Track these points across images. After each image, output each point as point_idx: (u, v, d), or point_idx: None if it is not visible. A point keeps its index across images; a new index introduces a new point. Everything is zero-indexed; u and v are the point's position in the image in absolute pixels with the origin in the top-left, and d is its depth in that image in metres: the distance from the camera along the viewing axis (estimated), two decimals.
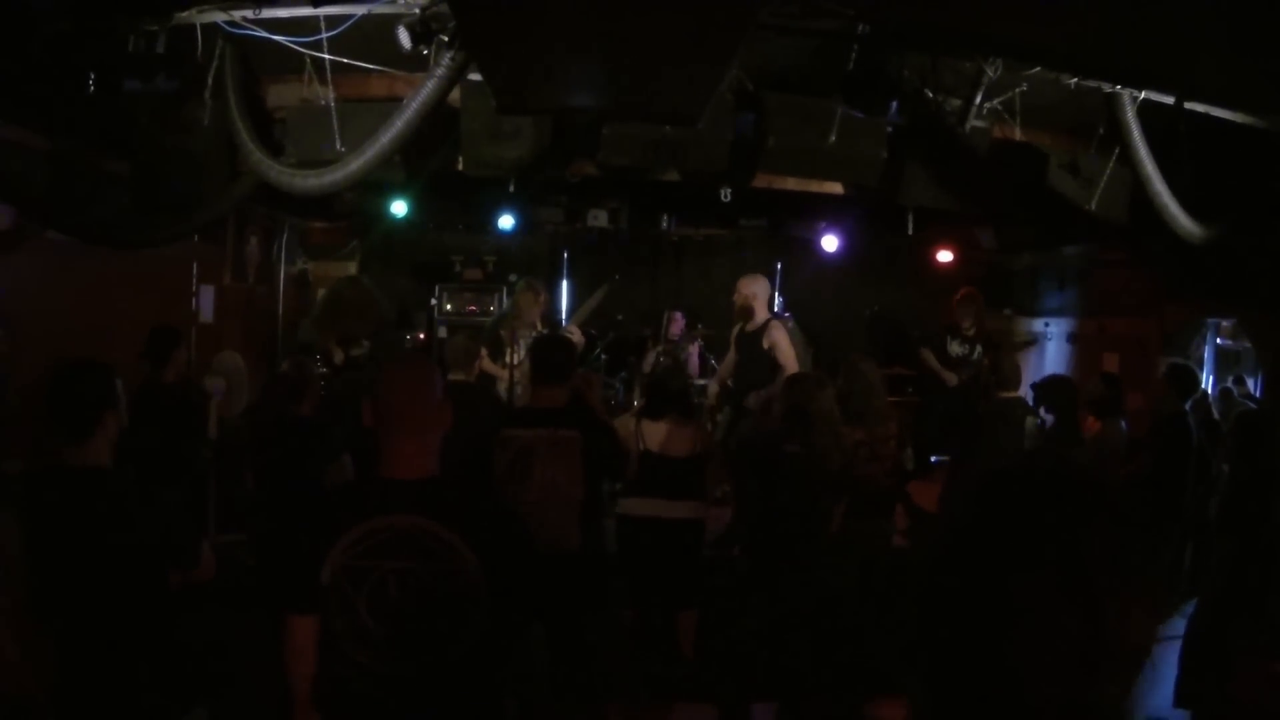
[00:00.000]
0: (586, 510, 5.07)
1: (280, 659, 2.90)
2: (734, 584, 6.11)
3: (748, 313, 8.17)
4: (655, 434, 6.03)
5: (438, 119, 6.02)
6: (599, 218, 11.81)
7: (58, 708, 2.79)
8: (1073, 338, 10.85)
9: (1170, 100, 5.69)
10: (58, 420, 3.17)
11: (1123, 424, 7.18)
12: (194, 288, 8.81)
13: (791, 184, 8.34)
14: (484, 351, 7.71)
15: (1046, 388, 7.33)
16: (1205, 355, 8.74)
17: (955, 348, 9.51)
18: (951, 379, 9.34)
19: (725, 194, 8.07)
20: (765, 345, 8.00)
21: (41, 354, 5.89)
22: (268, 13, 5.33)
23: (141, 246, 6.94)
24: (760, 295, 8.27)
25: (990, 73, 5.50)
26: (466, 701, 2.80)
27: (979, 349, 9.40)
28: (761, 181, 7.76)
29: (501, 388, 8.05)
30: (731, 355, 8.59)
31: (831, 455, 5.44)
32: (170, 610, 3.30)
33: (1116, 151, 6.12)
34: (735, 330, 8.43)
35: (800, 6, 4.63)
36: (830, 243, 11.58)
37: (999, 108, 6.01)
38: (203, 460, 6.63)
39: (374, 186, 9.37)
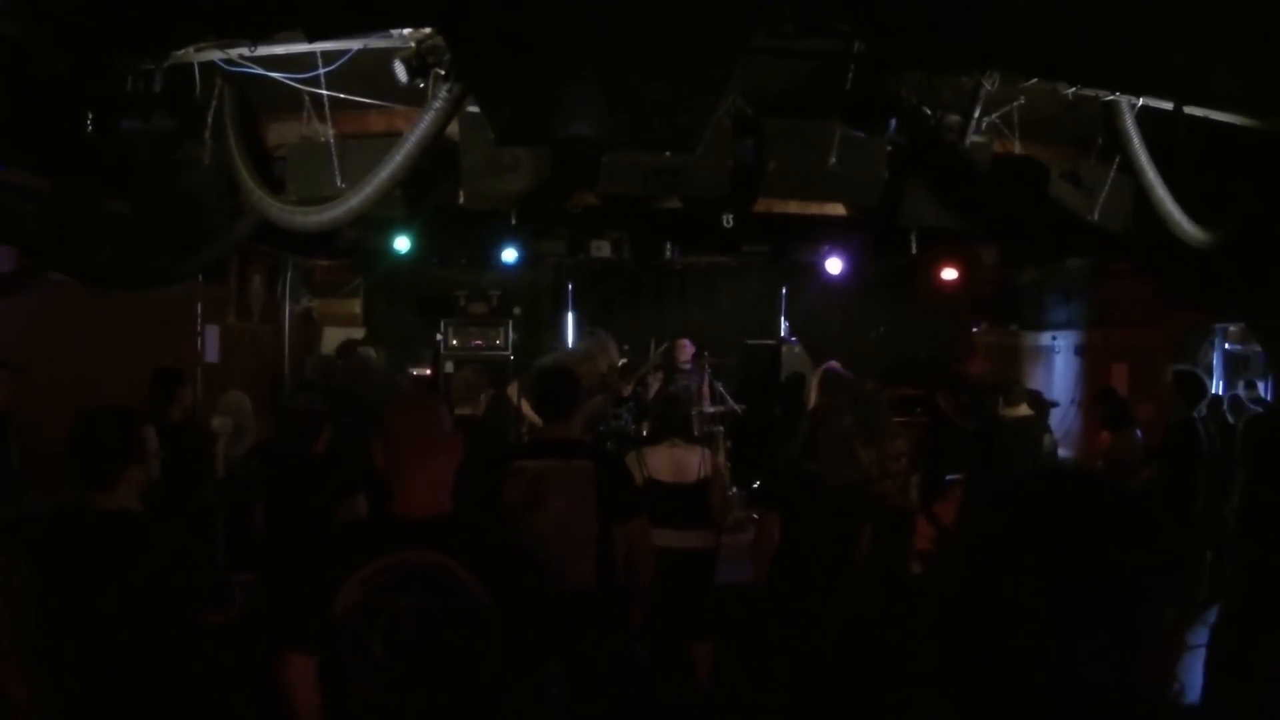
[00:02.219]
0: (601, 542, 5.00)
1: (282, 695, 2.86)
2: (753, 611, 6.04)
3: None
4: (657, 461, 5.99)
5: (437, 153, 6.04)
6: (602, 248, 11.84)
7: None
8: (1081, 350, 10.81)
9: (1169, 106, 5.67)
10: (81, 466, 3.14)
11: (1138, 434, 7.11)
12: (199, 327, 8.81)
13: (793, 207, 8.35)
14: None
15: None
16: (1214, 361, 8.66)
17: (965, 398, 9.54)
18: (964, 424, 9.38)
19: (727, 220, 8.10)
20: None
21: (45, 396, 5.88)
22: (265, 50, 5.35)
23: (144, 287, 6.95)
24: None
25: (988, 86, 5.48)
26: None
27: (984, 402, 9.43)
28: (763, 206, 7.78)
29: None
30: None
31: (849, 475, 5.41)
32: (197, 651, 3.27)
33: (1117, 160, 6.10)
34: None
35: (795, 26, 4.62)
36: (834, 265, 11.56)
37: (998, 122, 6.00)
38: (211, 500, 6.58)
39: (377, 223, 9.41)
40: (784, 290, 11.59)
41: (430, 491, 2.85)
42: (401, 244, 10.43)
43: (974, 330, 12.37)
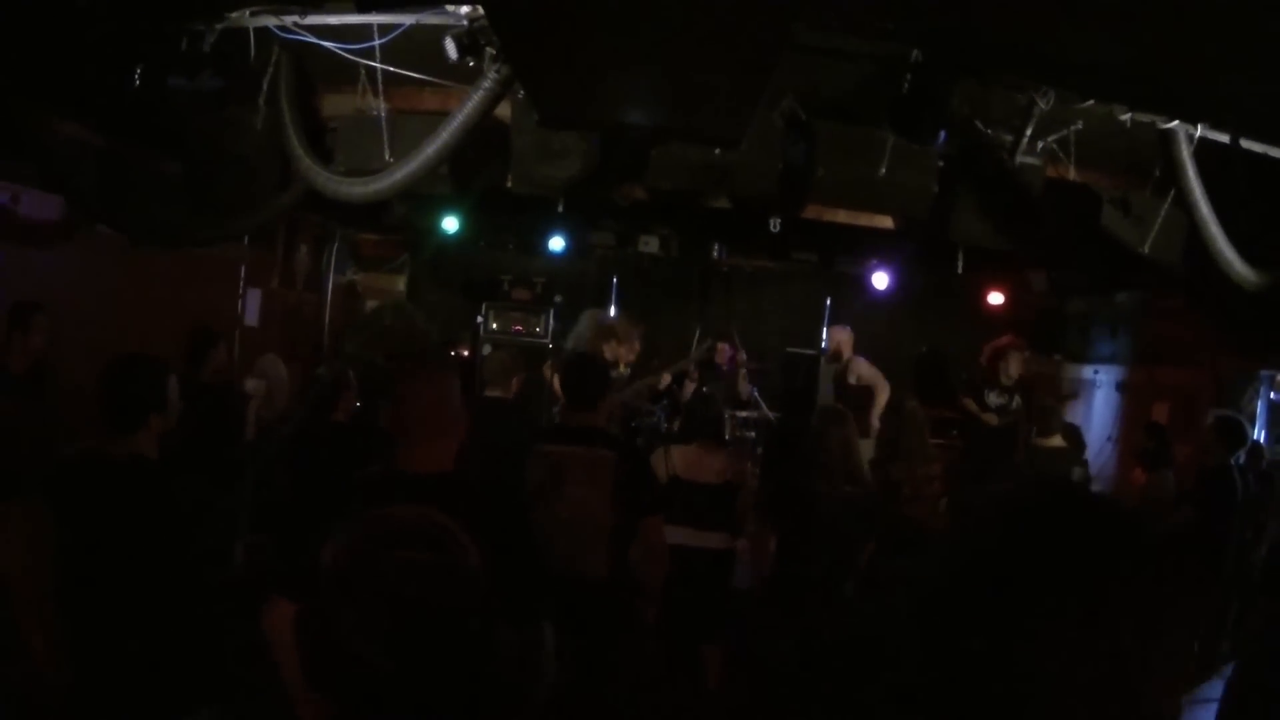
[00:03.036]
0: (615, 534, 4.97)
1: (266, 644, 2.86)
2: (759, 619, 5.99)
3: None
4: (684, 459, 5.95)
5: (488, 134, 6.04)
6: (650, 244, 11.79)
7: (73, 695, 2.79)
8: (1122, 386, 10.59)
9: (1226, 138, 5.54)
10: (104, 412, 3.23)
11: (1170, 476, 6.97)
12: (241, 290, 8.89)
13: (842, 216, 8.28)
14: None
15: None
16: (1259, 409, 8.44)
17: (993, 398, 9.41)
18: (992, 419, 9.26)
19: (775, 224, 8.05)
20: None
21: (84, 347, 5.95)
22: (318, 19, 5.36)
23: (188, 245, 7.03)
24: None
25: (1042, 104, 5.38)
26: (469, 692, 2.74)
27: (1016, 399, 9.28)
28: (811, 213, 7.73)
29: None
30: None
31: (849, 490, 5.35)
32: (203, 605, 3.29)
33: (1172, 194, 5.96)
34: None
35: (839, 22, 4.56)
36: (880, 280, 11.44)
37: (1054, 146, 5.89)
38: (238, 460, 6.65)
39: (426, 201, 9.44)
40: (828, 300, 11.47)
41: (433, 456, 2.87)
42: (450, 224, 10.48)
43: (1013, 354, 12.22)
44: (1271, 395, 8.38)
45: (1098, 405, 11.00)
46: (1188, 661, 1.14)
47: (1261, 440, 8.01)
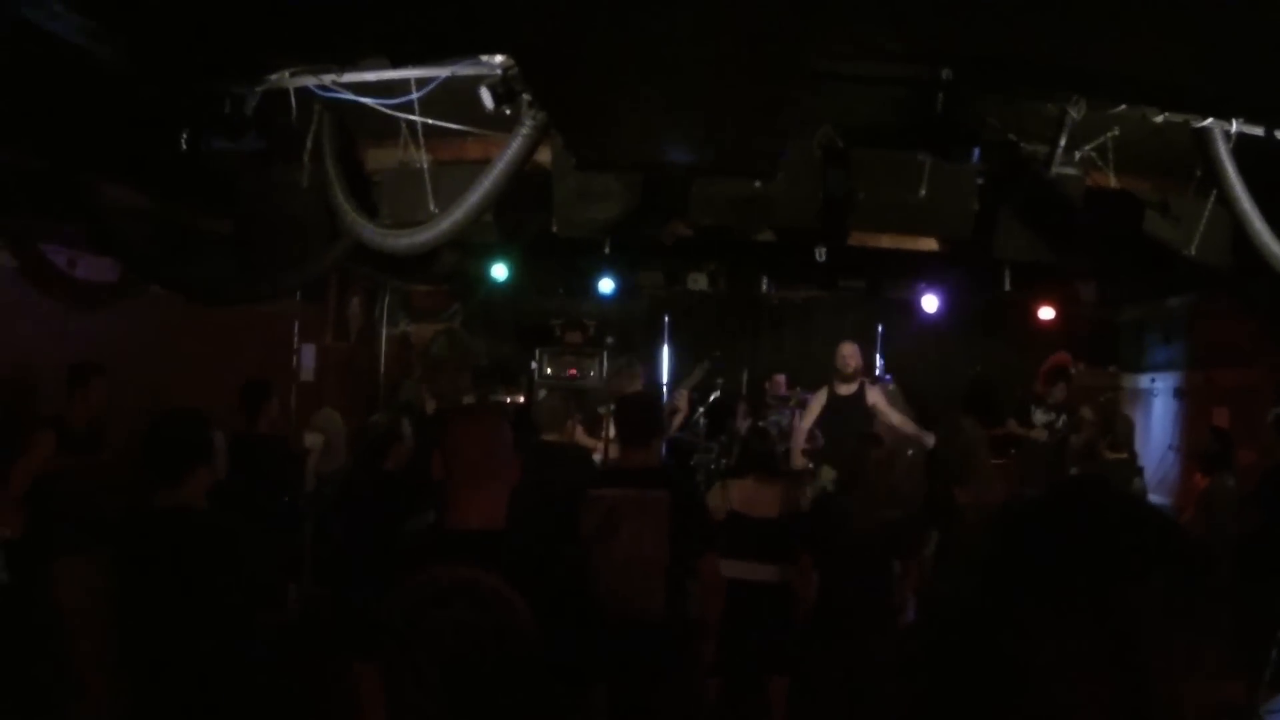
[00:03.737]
0: (672, 573, 4.96)
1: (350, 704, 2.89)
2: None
3: (854, 375, 8.84)
4: (740, 493, 5.94)
5: (530, 180, 6.11)
6: (699, 281, 11.82)
7: None
8: (1180, 393, 10.39)
9: (1262, 132, 5.44)
10: (151, 465, 3.30)
11: (1231, 479, 6.83)
12: (295, 345, 9.04)
13: (886, 242, 8.25)
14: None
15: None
16: None
17: (1040, 416, 9.31)
18: (1041, 434, 9.18)
19: (820, 253, 8.05)
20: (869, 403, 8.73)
21: (141, 406, 6.10)
22: (356, 76, 5.48)
23: (241, 302, 7.17)
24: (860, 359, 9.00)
25: (1074, 114, 5.33)
26: None
27: (1063, 417, 9.18)
28: (856, 240, 7.72)
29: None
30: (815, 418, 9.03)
31: (887, 513, 5.32)
32: (257, 652, 3.34)
33: (1214, 193, 5.86)
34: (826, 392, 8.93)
35: (855, 48, 4.56)
36: (930, 303, 11.38)
37: (1092, 155, 5.83)
38: (295, 513, 6.74)
39: (475, 249, 9.57)
40: (880, 327, 11.41)
41: (483, 508, 2.86)
42: (499, 271, 10.60)
43: (1071, 371, 12.07)
44: None
45: (1157, 413, 10.80)
46: (1227, 669, 1.11)
47: None
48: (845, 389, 8.89)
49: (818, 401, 9.15)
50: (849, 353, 8.95)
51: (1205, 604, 1.05)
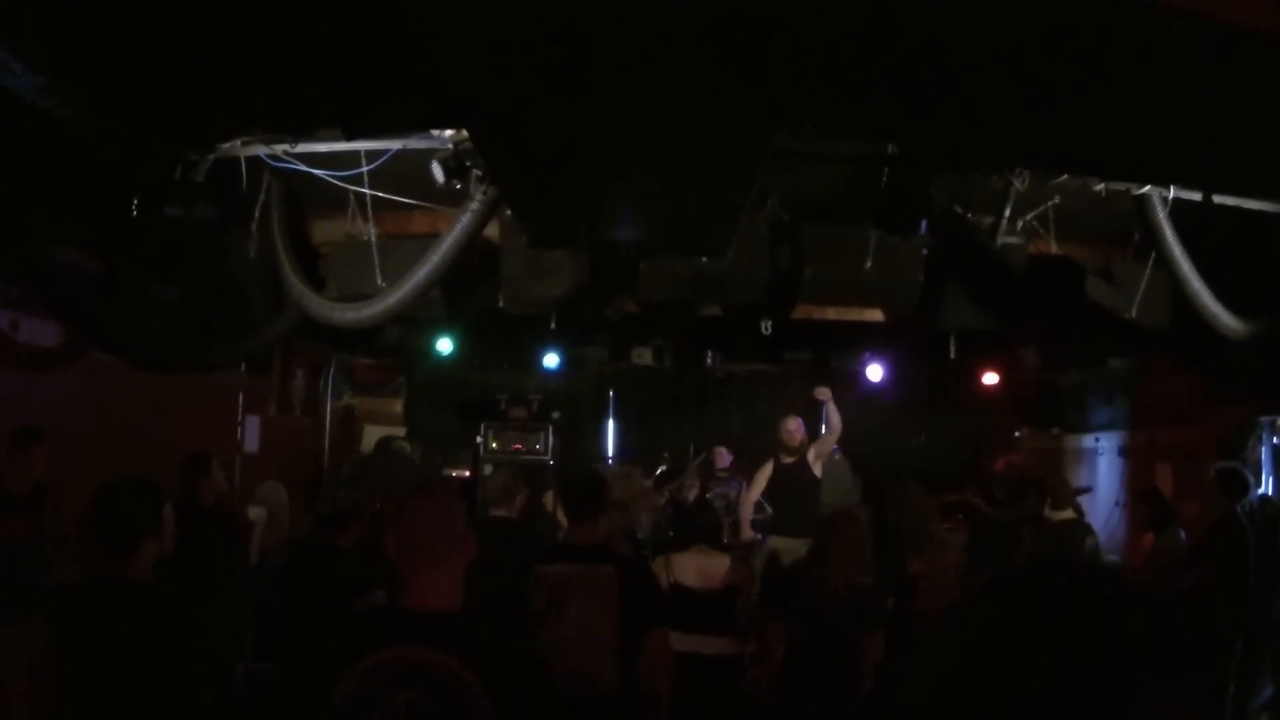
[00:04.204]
0: (622, 650, 4.91)
1: None
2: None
3: (799, 449, 9.07)
4: (683, 566, 5.91)
5: (479, 255, 6.11)
6: (644, 355, 11.86)
7: None
8: (1124, 451, 10.60)
9: (1197, 196, 5.62)
10: (99, 535, 3.22)
11: (1181, 535, 6.95)
12: (240, 417, 8.91)
13: (832, 314, 8.36)
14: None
15: None
16: (1263, 455, 8.38)
17: (998, 491, 9.46)
18: (999, 511, 9.30)
19: (766, 327, 8.11)
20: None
21: (84, 472, 5.95)
22: (306, 147, 5.48)
23: (186, 370, 7.07)
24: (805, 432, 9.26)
25: (1018, 185, 5.47)
26: None
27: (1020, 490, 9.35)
28: (802, 313, 7.78)
29: None
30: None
31: (859, 582, 5.31)
32: None
33: (1153, 256, 6.02)
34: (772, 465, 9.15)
35: (816, 128, 4.66)
36: (875, 373, 11.51)
37: (1034, 223, 5.98)
38: (237, 585, 6.59)
39: (419, 324, 9.53)
40: None
41: (438, 587, 2.82)
42: (444, 345, 10.59)
43: (1016, 435, 12.23)
44: (1274, 440, 8.34)
45: (1102, 472, 10.97)
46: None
47: (1269, 486, 7.95)
48: (790, 460, 9.01)
49: (763, 474, 9.24)
50: (794, 428, 9.16)
51: (1186, 685, 1.04)
